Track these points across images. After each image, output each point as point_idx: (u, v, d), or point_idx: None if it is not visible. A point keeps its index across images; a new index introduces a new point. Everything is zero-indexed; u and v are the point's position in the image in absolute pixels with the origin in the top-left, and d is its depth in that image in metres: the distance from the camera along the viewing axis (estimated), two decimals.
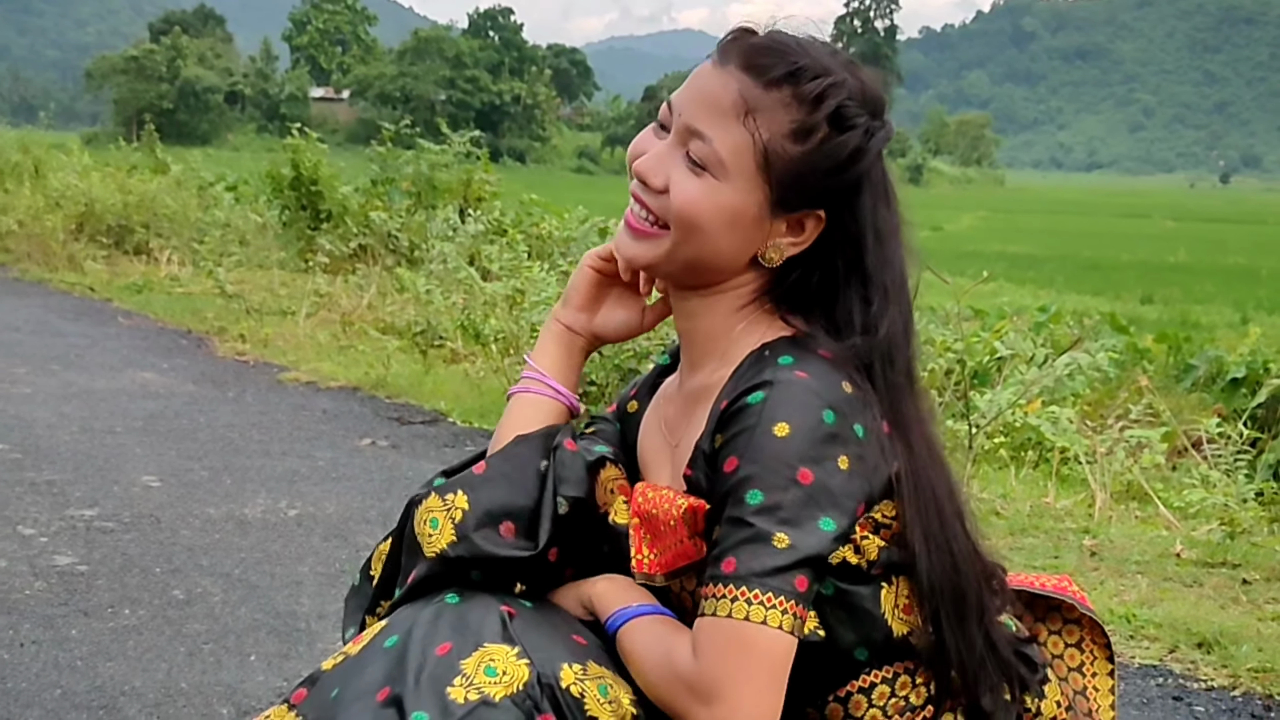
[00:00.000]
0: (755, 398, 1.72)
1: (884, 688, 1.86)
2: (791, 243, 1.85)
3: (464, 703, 1.68)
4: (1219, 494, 5.44)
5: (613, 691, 1.77)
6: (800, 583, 1.70)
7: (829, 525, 1.72)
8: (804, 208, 1.83)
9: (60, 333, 8.41)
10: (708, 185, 1.80)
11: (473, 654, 1.74)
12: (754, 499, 1.71)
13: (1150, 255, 32.71)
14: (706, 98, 1.83)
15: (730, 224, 1.82)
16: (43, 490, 4.74)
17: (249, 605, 3.67)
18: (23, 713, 2.91)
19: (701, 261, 1.86)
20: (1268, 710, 3.30)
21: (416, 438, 5.97)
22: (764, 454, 1.71)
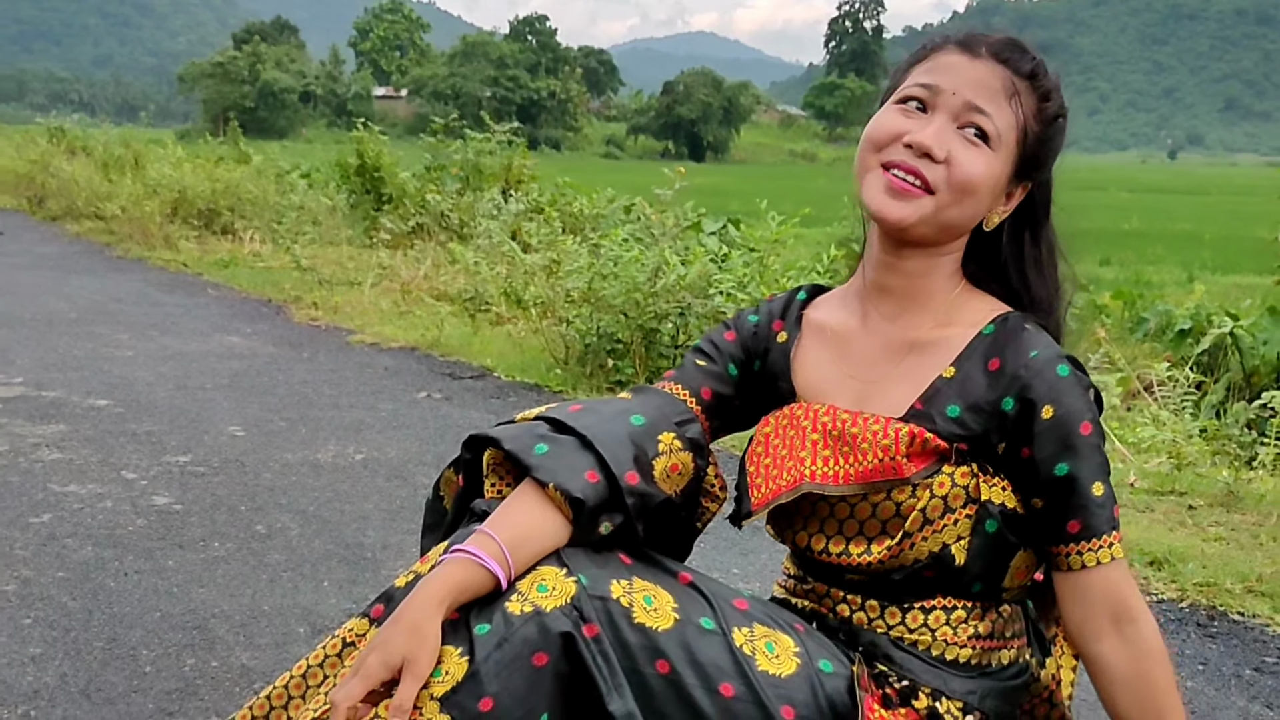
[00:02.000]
0: (1063, 370, 1.82)
1: (960, 612, 1.88)
2: (1004, 210, 1.92)
3: (520, 614, 1.70)
4: (1168, 431, 5.41)
5: (656, 601, 1.78)
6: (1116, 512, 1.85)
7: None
8: (1024, 180, 1.91)
9: (158, 303, 8.42)
10: (986, 155, 1.86)
11: (527, 575, 1.75)
12: (1098, 490, 1.81)
13: (1107, 223, 32.51)
14: (980, 81, 1.88)
15: (993, 190, 1.88)
16: (143, 440, 4.75)
17: (322, 538, 3.67)
18: (127, 633, 2.91)
19: (958, 222, 1.91)
20: (1211, 620, 3.28)
21: (466, 391, 5.96)
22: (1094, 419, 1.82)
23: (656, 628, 1.75)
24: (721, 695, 1.75)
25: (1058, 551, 1.82)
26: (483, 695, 1.69)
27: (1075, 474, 1.81)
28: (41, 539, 3.56)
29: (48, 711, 2.50)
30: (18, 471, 4.25)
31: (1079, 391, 1.79)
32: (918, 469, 1.83)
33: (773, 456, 1.93)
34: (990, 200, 1.88)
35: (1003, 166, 1.86)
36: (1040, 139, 1.88)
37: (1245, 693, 2.83)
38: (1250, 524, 4.10)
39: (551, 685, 1.72)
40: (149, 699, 2.58)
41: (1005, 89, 1.86)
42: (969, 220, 1.89)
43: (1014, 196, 1.91)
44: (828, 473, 1.86)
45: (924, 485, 1.83)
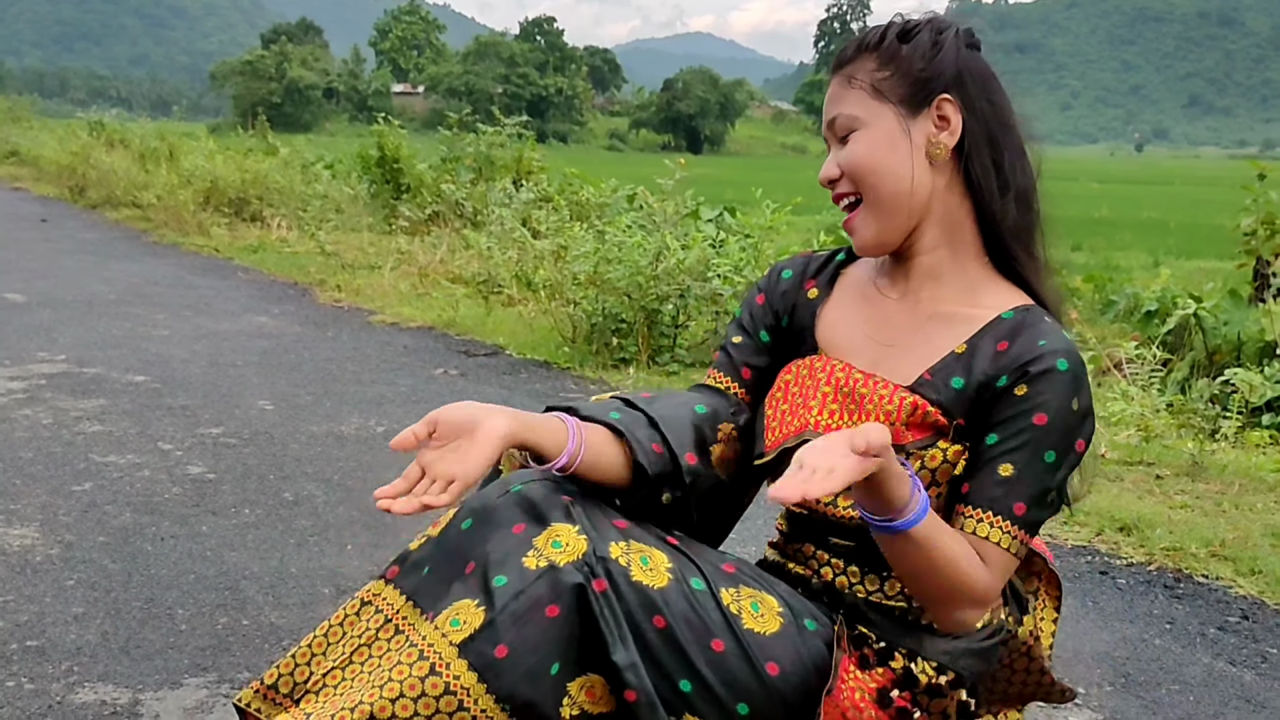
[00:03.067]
0: (1062, 365, 1.76)
1: None
2: (946, 133, 1.85)
3: (536, 569, 1.72)
4: (1136, 405, 5.40)
5: (652, 561, 1.79)
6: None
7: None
8: (927, 98, 1.84)
9: (191, 285, 8.41)
10: (855, 139, 1.85)
11: (543, 533, 1.76)
12: (1049, 458, 1.76)
13: (1079, 212, 32.45)
14: (833, 98, 1.90)
15: (889, 146, 1.84)
16: (178, 413, 4.74)
17: (345, 505, 3.67)
18: (164, 594, 2.91)
19: (895, 193, 1.87)
20: (1177, 582, 3.27)
21: (480, 367, 5.96)
22: (1064, 423, 1.75)
23: (652, 585, 1.76)
24: (712, 650, 1.77)
25: (955, 510, 1.81)
26: (498, 643, 1.70)
27: (998, 447, 1.79)
28: (83, 506, 3.56)
29: (90, 667, 2.49)
30: (61, 443, 4.24)
31: (1060, 388, 1.75)
32: (915, 439, 1.82)
33: (789, 403, 1.92)
34: (900, 150, 1.84)
35: (878, 125, 1.83)
36: (901, 72, 1.83)
37: (1209, 650, 2.83)
38: (1214, 492, 4.10)
39: (562, 636, 1.73)
40: (184, 655, 2.57)
41: (841, 85, 1.87)
42: (899, 180, 1.84)
43: (948, 117, 1.84)
44: (831, 425, 1.85)
45: (916, 456, 1.82)
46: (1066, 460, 1.77)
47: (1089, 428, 1.78)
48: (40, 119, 28.88)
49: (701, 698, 1.79)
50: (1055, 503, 1.79)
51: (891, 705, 1.82)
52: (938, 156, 1.84)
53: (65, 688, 2.40)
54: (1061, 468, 1.76)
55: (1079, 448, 1.77)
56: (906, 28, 1.85)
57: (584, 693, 1.77)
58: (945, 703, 1.85)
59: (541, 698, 1.74)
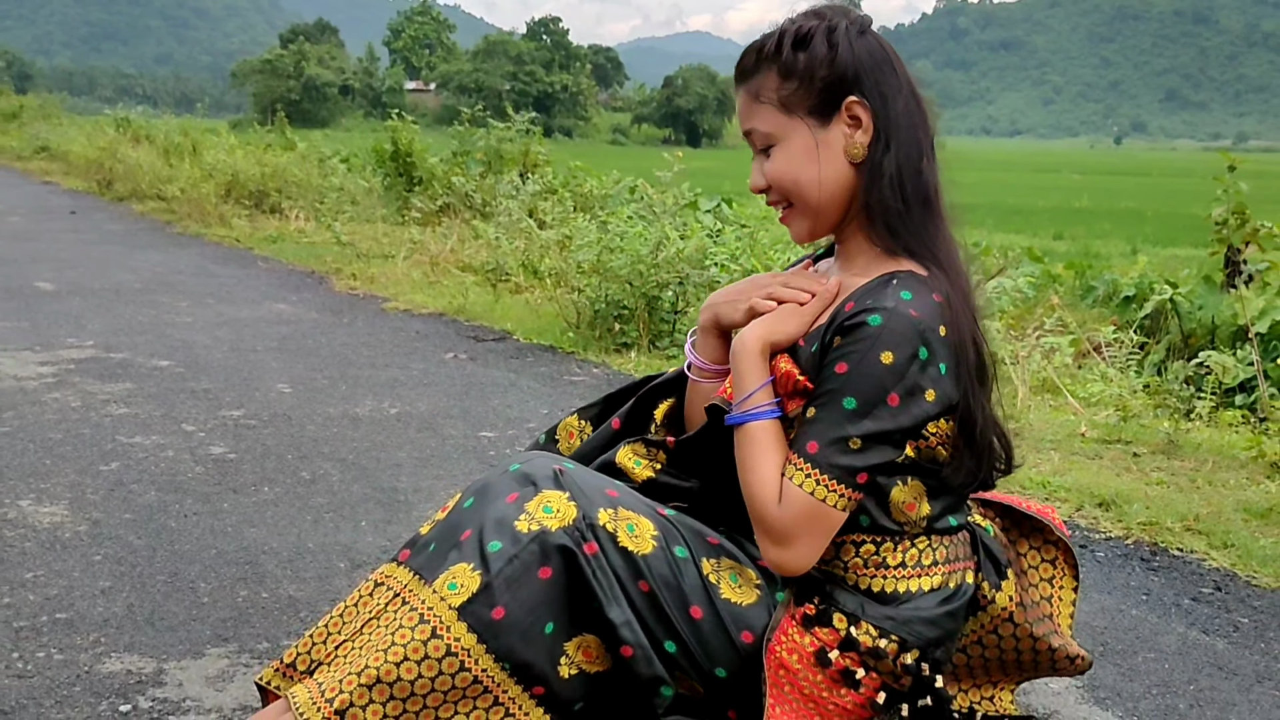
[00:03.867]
0: (874, 320, 1.74)
1: (869, 546, 1.89)
2: (860, 132, 1.84)
3: (528, 532, 1.76)
4: (1114, 386, 5.39)
5: (638, 529, 1.83)
6: (861, 478, 1.76)
7: (899, 441, 1.78)
8: (832, 106, 1.84)
9: (213, 274, 8.40)
10: (776, 152, 1.87)
11: (534, 498, 1.81)
12: (849, 404, 1.74)
13: (1060, 202, 32.45)
14: (740, 115, 1.92)
15: (805, 159, 1.86)
16: (201, 396, 4.74)
17: (360, 483, 3.66)
18: (187, 568, 2.91)
19: (818, 195, 1.89)
20: (1153, 555, 3.27)
21: (489, 352, 5.95)
22: (867, 372, 1.73)
23: (638, 551, 1.81)
24: (691, 616, 1.82)
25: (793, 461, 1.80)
26: (495, 605, 1.74)
27: (812, 396, 1.80)
28: (110, 484, 3.55)
29: (116, 638, 2.49)
30: (89, 424, 4.24)
31: (867, 341, 1.73)
32: (794, 408, 1.84)
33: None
34: (813, 163, 1.85)
35: (794, 137, 1.85)
36: (804, 85, 1.83)
37: (1184, 619, 2.82)
38: (1188, 469, 4.09)
39: (556, 596, 1.78)
40: (206, 626, 2.57)
41: (750, 99, 1.87)
42: (829, 185, 1.86)
43: (859, 116, 1.83)
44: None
45: (799, 420, 1.83)
46: (875, 413, 1.73)
47: (911, 384, 1.73)
48: (69, 116, 28.83)
49: (685, 658, 1.83)
50: (866, 451, 1.75)
51: (831, 666, 1.83)
52: (856, 155, 1.84)
53: (93, 658, 2.40)
54: (867, 417, 1.73)
55: (892, 401, 1.73)
56: (800, 34, 1.83)
57: (580, 652, 1.81)
58: (890, 665, 1.85)
59: (537, 657, 1.77)
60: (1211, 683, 2.47)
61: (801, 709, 1.86)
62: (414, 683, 1.75)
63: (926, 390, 1.74)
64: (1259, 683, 2.48)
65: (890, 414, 1.73)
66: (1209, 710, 2.34)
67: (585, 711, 1.86)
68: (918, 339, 1.73)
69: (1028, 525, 2.12)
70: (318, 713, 1.74)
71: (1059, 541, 2.10)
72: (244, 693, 2.26)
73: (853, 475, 1.75)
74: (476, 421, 4.48)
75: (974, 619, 2.02)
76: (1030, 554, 2.11)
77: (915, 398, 1.74)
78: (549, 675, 1.80)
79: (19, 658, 2.38)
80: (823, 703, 1.86)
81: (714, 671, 1.85)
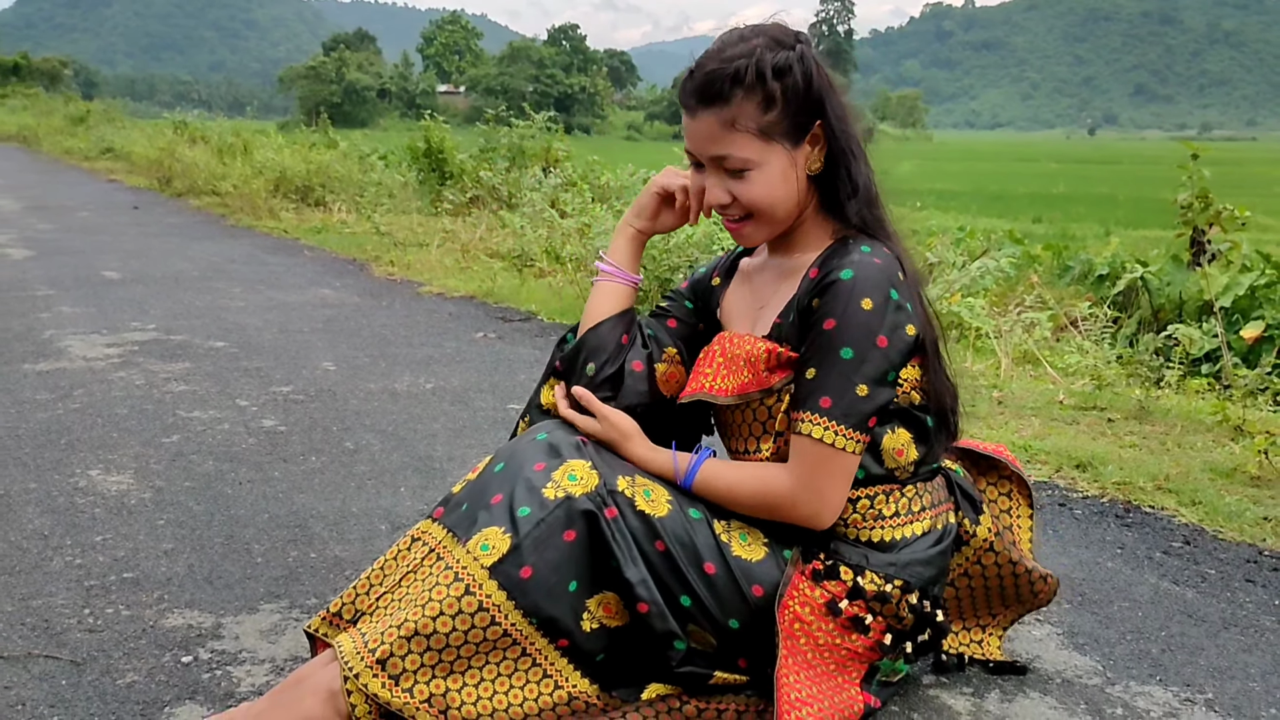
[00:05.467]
0: (846, 274, 1.77)
1: (865, 501, 1.90)
2: (819, 150, 1.88)
3: (554, 498, 1.79)
4: (1090, 358, 5.36)
5: (653, 494, 1.85)
6: (871, 422, 1.80)
7: (892, 378, 1.81)
8: (805, 130, 1.86)
9: (264, 263, 8.40)
10: (754, 176, 1.86)
11: (560, 467, 1.82)
12: (846, 354, 1.77)
13: (1039, 188, 32.27)
14: (707, 135, 1.86)
15: (783, 180, 1.87)
16: (253, 374, 4.74)
17: (399, 452, 3.66)
18: (242, 531, 2.91)
19: (785, 216, 1.92)
20: (1127, 512, 3.25)
21: (515, 331, 5.94)
22: (854, 320, 1.75)
23: (654, 515, 1.83)
24: (705, 572, 1.84)
25: (803, 418, 1.81)
26: (523, 565, 1.76)
27: (806, 357, 1.81)
28: (171, 455, 3.55)
29: (178, 595, 2.49)
30: (152, 401, 4.24)
31: (844, 294, 1.75)
32: (779, 379, 1.86)
33: (697, 369, 1.97)
34: (790, 178, 1.86)
35: (772, 163, 1.84)
36: (784, 107, 1.82)
37: (1155, 571, 2.80)
38: (1159, 433, 4.07)
39: (579, 557, 1.80)
40: (260, 584, 2.57)
41: (724, 126, 1.83)
42: (790, 202, 1.88)
43: (815, 141, 1.86)
44: (719, 386, 1.91)
45: (785, 390, 1.86)
46: (870, 356, 1.76)
47: (891, 323, 1.75)
48: (131, 119, 28.81)
49: (699, 611, 1.84)
50: (873, 394, 1.77)
51: (841, 614, 1.85)
52: (816, 169, 1.88)
53: (157, 613, 2.40)
54: (865, 362, 1.76)
55: (881, 343, 1.75)
56: (777, 66, 1.81)
57: (601, 608, 1.82)
58: (894, 608, 1.88)
59: (562, 613, 1.79)
60: (1181, 629, 2.45)
61: (814, 656, 1.88)
62: (449, 635, 1.75)
63: (906, 325, 1.77)
64: (1225, 629, 2.46)
65: (883, 354, 1.75)
66: (1179, 654, 2.32)
67: (606, 663, 1.86)
68: (887, 283, 1.76)
69: (984, 464, 2.19)
70: (361, 661, 1.75)
71: (1013, 475, 2.16)
72: (295, 644, 2.25)
73: (865, 420, 1.78)
74: (505, 395, 4.47)
75: (959, 553, 2.08)
76: (989, 489, 2.19)
77: (899, 333, 1.76)
78: (573, 629, 1.81)
79: (90, 614, 2.38)
80: (836, 649, 1.89)
81: (728, 623, 1.86)
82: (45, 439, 3.70)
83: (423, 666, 1.75)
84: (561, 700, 1.82)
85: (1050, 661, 2.27)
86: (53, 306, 6.23)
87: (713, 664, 1.89)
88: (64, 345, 5.20)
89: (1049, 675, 2.20)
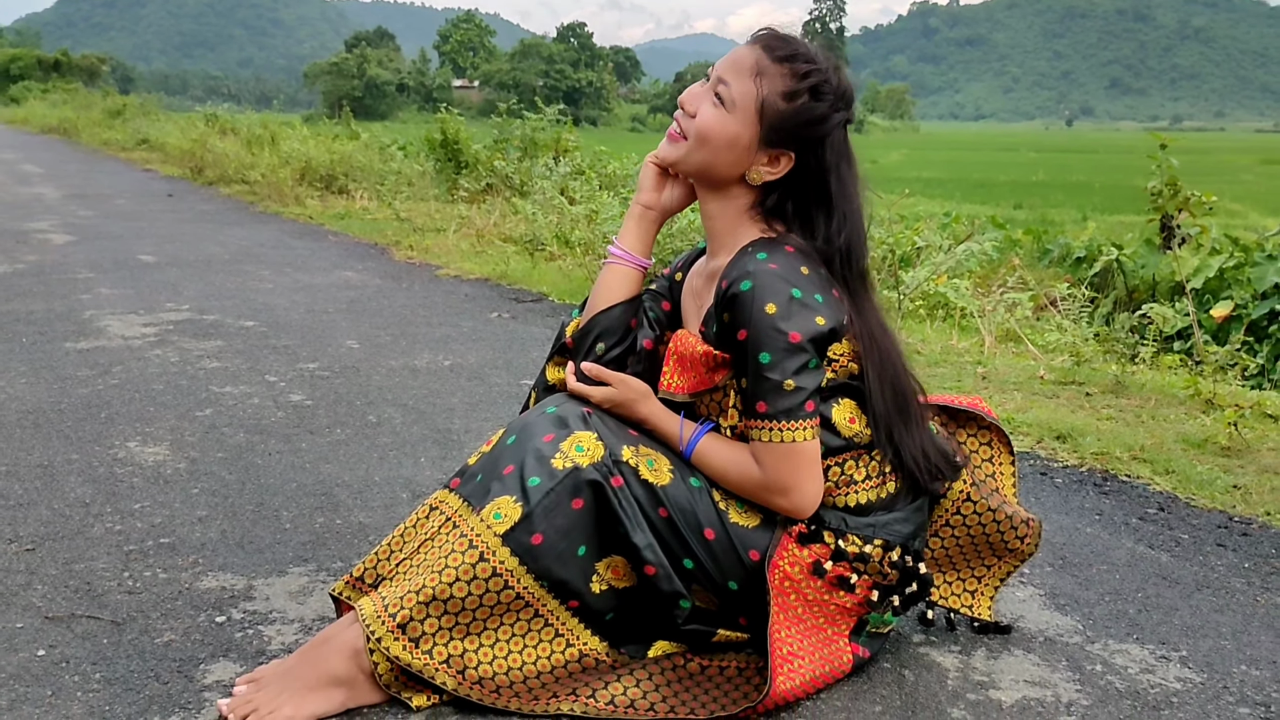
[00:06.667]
0: (745, 285, 1.74)
1: (835, 469, 1.89)
2: (769, 171, 1.85)
3: (563, 469, 1.78)
4: (1069, 335, 5.34)
5: (656, 464, 1.83)
6: (809, 406, 1.77)
7: (815, 364, 1.78)
8: (780, 147, 1.83)
9: (291, 247, 8.37)
10: (720, 114, 1.82)
11: (568, 438, 1.81)
12: (765, 359, 1.74)
13: (1019, 176, 32.17)
14: (734, 61, 1.83)
15: (729, 145, 1.83)
16: (281, 351, 4.72)
17: (419, 425, 3.64)
18: (272, 499, 2.90)
19: (706, 167, 1.88)
20: (1104, 481, 3.24)
21: (528, 311, 5.92)
22: (762, 327, 1.72)
23: (658, 483, 1.83)
24: (705, 537, 1.83)
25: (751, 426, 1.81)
26: (534, 532, 1.76)
27: (736, 369, 1.80)
28: (205, 428, 3.54)
29: (211, 559, 2.49)
30: (186, 377, 4.23)
31: (748, 304, 1.73)
32: (721, 377, 1.85)
33: (658, 366, 1.96)
34: (732, 153, 1.83)
35: (740, 127, 1.81)
36: (782, 113, 1.79)
37: (1131, 536, 2.79)
38: (1134, 406, 4.05)
39: (587, 524, 1.79)
40: (289, 549, 2.56)
41: (751, 67, 1.81)
42: (720, 165, 1.85)
43: (778, 161, 1.83)
44: (675, 384, 1.89)
45: (730, 386, 1.85)
46: (787, 354, 1.73)
47: (799, 319, 1.72)
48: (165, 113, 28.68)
49: (701, 573, 1.84)
50: (800, 385, 1.74)
51: (826, 575, 1.85)
52: (754, 180, 1.85)
53: (192, 576, 2.39)
54: (786, 359, 1.73)
55: (794, 339, 1.72)
56: (818, 87, 1.80)
57: (610, 570, 1.82)
58: (878, 565, 1.87)
59: (572, 575, 1.79)
60: (1157, 591, 2.44)
61: (805, 611, 1.88)
62: (465, 599, 1.75)
63: (815, 317, 1.74)
64: (1198, 590, 2.45)
65: (799, 349, 1.73)
66: (1155, 614, 2.31)
67: (615, 622, 1.86)
68: (785, 284, 1.73)
69: (963, 417, 2.16)
70: (383, 626, 1.75)
71: (991, 426, 2.14)
72: (322, 605, 2.25)
73: (801, 408, 1.75)
74: (518, 371, 4.46)
75: (938, 507, 2.07)
76: (969, 440, 2.17)
77: (808, 325, 1.73)
78: (582, 591, 1.80)
79: (129, 576, 2.38)
80: (824, 604, 1.89)
81: (727, 584, 1.85)
82: (86, 413, 3.69)
83: (441, 629, 1.75)
84: (573, 657, 1.82)
85: (1033, 621, 2.25)
86: (93, 288, 6.21)
87: (715, 622, 1.89)
88: (103, 325, 5.19)
89: (1032, 634, 2.19)
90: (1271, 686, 2.01)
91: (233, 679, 1.92)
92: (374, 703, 1.80)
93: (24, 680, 1.92)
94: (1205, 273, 8.05)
